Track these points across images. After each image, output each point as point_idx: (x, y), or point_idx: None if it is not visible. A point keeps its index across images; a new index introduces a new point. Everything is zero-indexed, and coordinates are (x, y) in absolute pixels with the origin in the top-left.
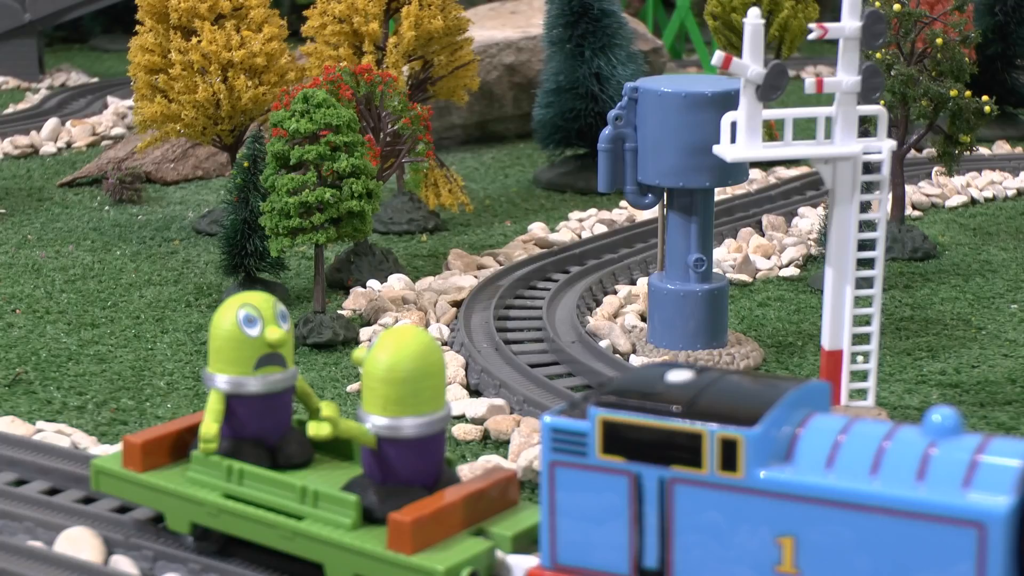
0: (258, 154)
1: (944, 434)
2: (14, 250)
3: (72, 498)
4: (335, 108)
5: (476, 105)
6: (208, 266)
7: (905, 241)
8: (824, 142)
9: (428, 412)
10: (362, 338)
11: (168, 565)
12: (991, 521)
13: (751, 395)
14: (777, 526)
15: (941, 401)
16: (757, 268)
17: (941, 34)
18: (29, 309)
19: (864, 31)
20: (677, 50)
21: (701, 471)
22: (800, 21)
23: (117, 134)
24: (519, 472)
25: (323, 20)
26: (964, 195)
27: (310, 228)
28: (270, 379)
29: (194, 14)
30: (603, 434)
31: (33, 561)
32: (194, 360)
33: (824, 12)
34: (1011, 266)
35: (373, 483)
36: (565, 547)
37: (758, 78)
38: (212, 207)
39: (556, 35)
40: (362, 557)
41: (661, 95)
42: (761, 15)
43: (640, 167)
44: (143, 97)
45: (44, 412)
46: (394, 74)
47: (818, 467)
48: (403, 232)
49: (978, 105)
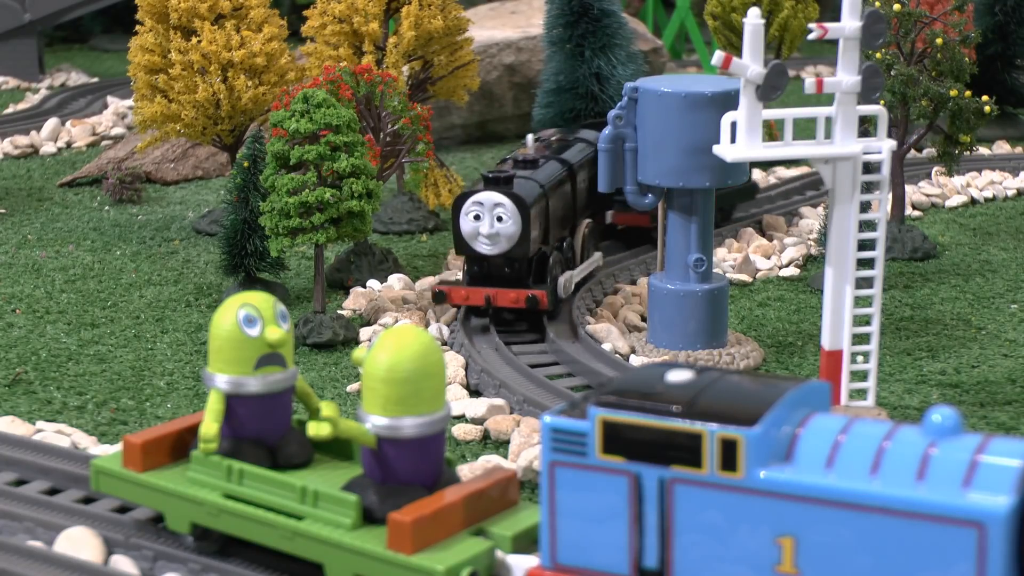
0: (258, 154)
1: (944, 434)
2: (14, 250)
3: (72, 498)
4: (335, 108)
5: (476, 105)
6: (208, 266)
7: (905, 241)
8: (824, 142)
9: (428, 412)
10: (362, 338)
11: (168, 565)
12: (991, 521)
13: (751, 395)
14: (777, 526)
15: (941, 401)
16: (757, 268)
17: (941, 34)
18: (29, 309)
19: (864, 31)
20: (677, 50)
21: (701, 471)
22: (800, 21)
23: (117, 134)
24: (519, 472)
25: (323, 20)
26: (964, 195)
27: (310, 228)
28: (270, 379)
29: (194, 14)
30: (603, 434)
31: (33, 561)
32: (194, 360)
33: (824, 12)
34: (1011, 266)
35: (373, 483)
36: (565, 547)
37: (758, 78)
38: (212, 207)
39: (556, 35)
40: (362, 557)
41: (661, 95)
42: (761, 15)
43: (640, 167)
44: (143, 97)
45: (44, 412)
46: (394, 74)
47: (818, 467)
48: (403, 232)
49: (978, 105)
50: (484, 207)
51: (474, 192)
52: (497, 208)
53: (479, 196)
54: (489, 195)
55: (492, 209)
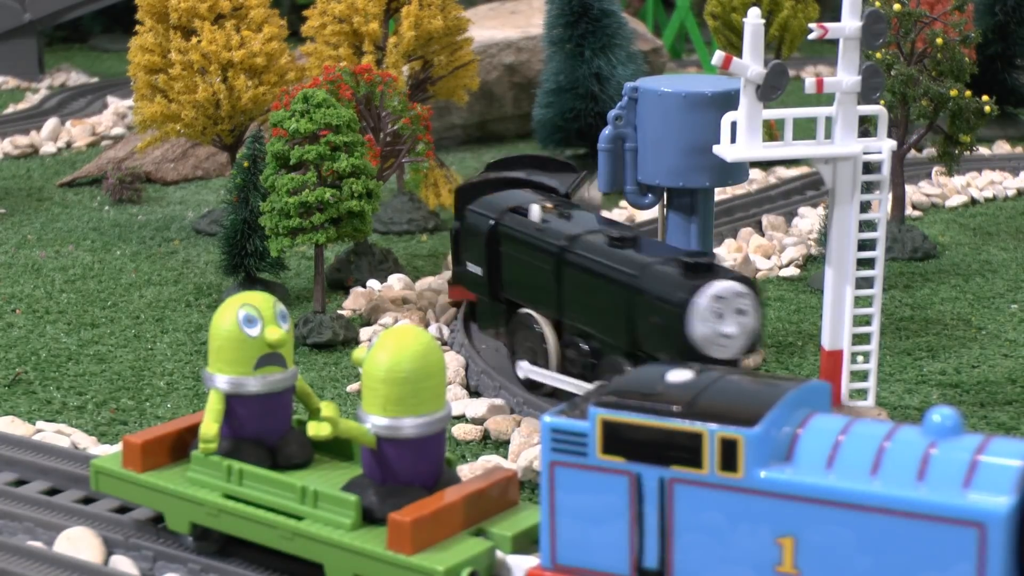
0: (258, 154)
1: (944, 434)
2: (14, 250)
3: (72, 498)
4: (335, 108)
5: (476, 105)
6: (208, 266)
7: (905, 241)
8: (824, 142)
9: (428, 412)
10: (362, 338)
11: (168, 565)
12: (991, 521)
13: (751, 395)
14: (777, 526)
15: (941, 401)
16: (757, 268)
17: (941, 34)
18: (29, 309)
19: (864, 31)
20: (677, 50)
21: (701, 471)
22: (800, 21)
23: (117, 134)
24: (519, 472)
25: (323, 20)
26: (964, 195)
27: (310, 228)
28: (270, 379)
29: (194, 14)
30: (603, 434)
31: (33, 561)
32: (194, 360)
33: (824, 12)
34: (1011, 266)
35: (373, 483)
36: (565, 547)
37: (758, 78)
38: (212, 207)
39: (556, 35)
40: (362, 557)
41: (661, 95)
42: (761, 15)
43: (640, 167)
44: (143, 97)
45: (44, 412)
46: (394, 74)
47: (818, 467)
48: (403, 232)
49: (978, 105)
50: (726, 302)
51: (703, 286)
52: (739, 300)
53: (718, 289)
54: (729, 286)
55: (734, 302)
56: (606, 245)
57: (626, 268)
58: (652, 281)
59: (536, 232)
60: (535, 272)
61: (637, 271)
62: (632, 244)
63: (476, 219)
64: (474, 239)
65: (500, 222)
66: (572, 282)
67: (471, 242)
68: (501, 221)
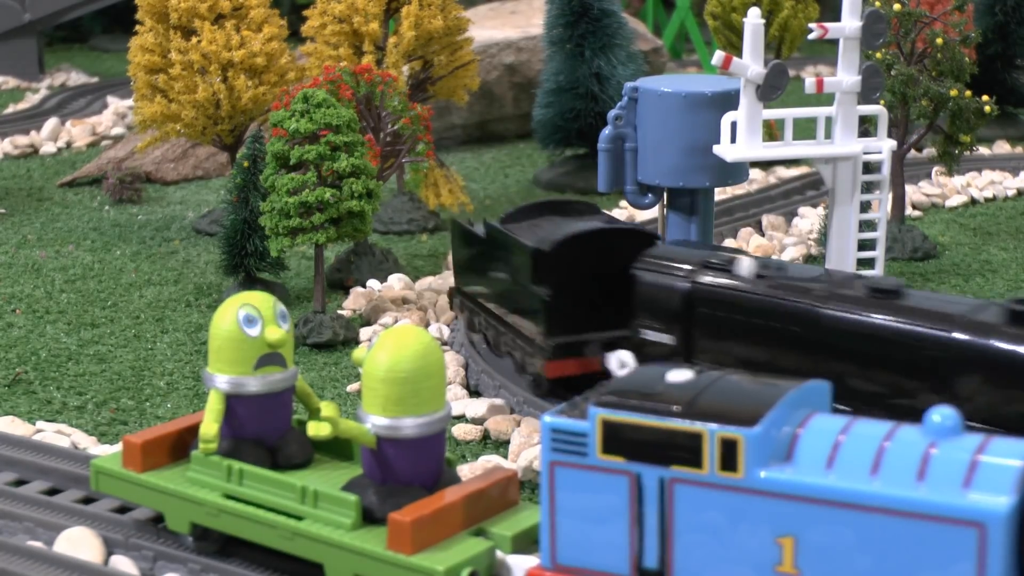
0: (258, 154)
1: (944, 434)
2: (14, 250)
3: (72, 498)
4: (335, 108)
5: (476, 105)
6: (208, 266)
7: (905, 241)
8: (824, 142)
9: (428, 412)
10: (362, 338)
11: (168, 565)
12: (991, 521)
13: (751, 395)
14: (777, 526)
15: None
16: None
17: (941, 34)
18: (29, 309)
19: (864, 31)
20: (677, 50)
21: (701, 471)
22: (800, 21)
23: (117, 134)
24: (519, 472)
25: (323, 20)
26: (964, 195)
27: (310, 228)
28: (270, 379)
29: (194, 14)
30: (603, 434)
31: (33, 561)
32: (194, 360)
33: (824, 12)
34: (1011, 266)
35: (373, 483)
36: (565, 547)
37: (758, 78)
38: (212, 207)
39: (556, 35)
40: (362, 557)
41: (661, 95)
42: (761, 15)
43: (640, 167)
44: (143, 97)
45: (44, 412)
46: (394, 74)
47: (818, 467)
48: (403, 232)
49: (978, 105)
50: None
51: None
52: None
53: None
54: None
55: None
56: (877, 300)
57: (938, 329)
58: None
59: (775, 292)
60: (767, 342)
61: (972, 331)
62: (896, 295)
63: (656, 278)
64: (654, 302)
65: (697, 282)
66: (846, 350)
67: (649, 305)
68: (698, 281)
